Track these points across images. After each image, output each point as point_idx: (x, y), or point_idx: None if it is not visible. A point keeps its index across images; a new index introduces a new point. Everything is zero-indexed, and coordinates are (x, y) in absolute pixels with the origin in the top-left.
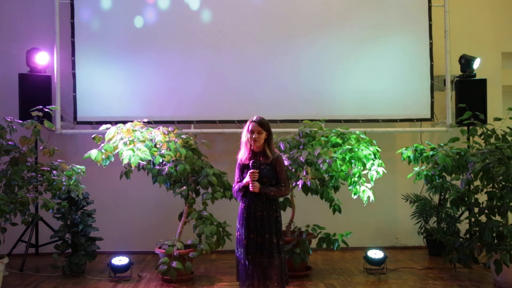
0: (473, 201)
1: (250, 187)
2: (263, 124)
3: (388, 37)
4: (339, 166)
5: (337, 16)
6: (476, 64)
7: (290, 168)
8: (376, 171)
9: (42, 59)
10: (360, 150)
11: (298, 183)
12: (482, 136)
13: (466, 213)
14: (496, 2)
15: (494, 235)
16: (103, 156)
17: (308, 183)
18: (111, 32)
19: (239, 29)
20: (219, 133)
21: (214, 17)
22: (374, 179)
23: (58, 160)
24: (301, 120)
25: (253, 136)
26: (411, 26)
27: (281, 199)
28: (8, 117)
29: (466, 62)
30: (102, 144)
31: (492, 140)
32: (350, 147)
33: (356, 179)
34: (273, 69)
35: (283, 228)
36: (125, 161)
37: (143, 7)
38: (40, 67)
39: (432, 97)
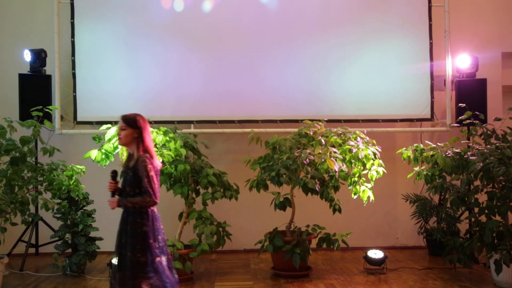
0: (473, 201)
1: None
2: (126, 119)
3: (388, 37)
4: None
5: (337, 16)
6: (474, 64)
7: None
8: (376, 171)
9: (42, 59)
10: (360, 150)
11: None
12: (482, 136)
13: (466, 213)
14: (496, 2)
15: (494, 235)
16: (103, 156)
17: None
18: (111, 32)
19: (239, 29)
20: (219, 133)
21: (215, 17)
22: (374, 179)
23: (58, 160)
24: (301, 120)
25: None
26: (411, 26)
27: (280, 198)
28: (8, 117)
29: (465, 62)
30: (102, 144)
31: (492, 140)
32: (350, 147)
33: (356, 179)
34: (273, 69)
35: (283, 228)
36: None
37: (142, 7)
38: (40, 67)
39: (432, 97)
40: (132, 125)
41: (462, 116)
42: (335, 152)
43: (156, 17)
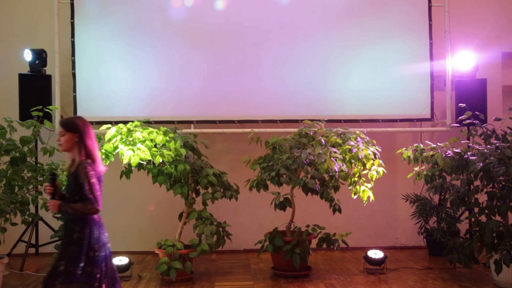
0: (473, 201)
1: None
2: (65, 124)
3: (388, 37)
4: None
5: (337, 16)
6: (474, 64)
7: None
8: (376, 171)
9: (42, 59)
10: (360, 150)
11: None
12: (482, 136)
13: (466, 213)
14: (496, 2)
15: (494, 235)
16: (103, 156)
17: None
18: (111, 32)
19: (239, 29)
20: (219, 133)
21: (214, 17)
22: (374, 179)
23: (58, 160)
24: (301, 120)
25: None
26: (411, 26)
27: (280, 198)
28: (8, 117)
29: (465, 62)
30: (102, 144)
31: (492, 140)
32: (350, 147)
33: (356, 179)
34: (273, 69)
35: (283, 228)
36: (125, 161)
37: (143, 7)
38: (40, 67)
39: (432, 97)
40: (71, 129)
41: (462, 116)
42: (335, 152)
43: (156, 18)
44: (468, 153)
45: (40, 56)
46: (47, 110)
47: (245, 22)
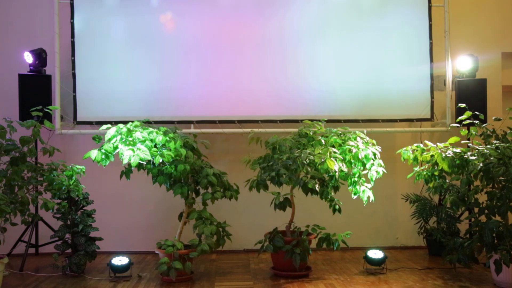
0: (473, 201)
1: None
2: None
3: (388, 37)
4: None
5: (337, 17)
6: (472, 64)
7: (290, 167)
8: (376, 171)
9: (42, 59)
10: (360, 150)
11: None
12: (482, 136)
13: (466, 213)
14: (496, 2)
15: (494, 235)
16: (103, 156)
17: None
18: (111, 32)
19: (239, 28)
20: (219, 133)
21: (214, 16)
22: (374, 179)
23: (58, 160)
24: (301, 120)
25: None
26: (411, 26)
27: (280, 198)
28: (8, 117)
29: (465, 62)
30: (102, 144)
31: (492, 140)
32: (350, 147)
33: (356, 179)
34: (273, 69)
35: (283, 228)
36: (125, 161)
37: (143, 7)
38: (40, 67)
39: (432, 97)
40: None
41: (462, 116)
42: (335, 152)
43: (156, 17)
44: (468, 153)
45: (40, 56)
46: (47, 110)
47: (244, 22)
